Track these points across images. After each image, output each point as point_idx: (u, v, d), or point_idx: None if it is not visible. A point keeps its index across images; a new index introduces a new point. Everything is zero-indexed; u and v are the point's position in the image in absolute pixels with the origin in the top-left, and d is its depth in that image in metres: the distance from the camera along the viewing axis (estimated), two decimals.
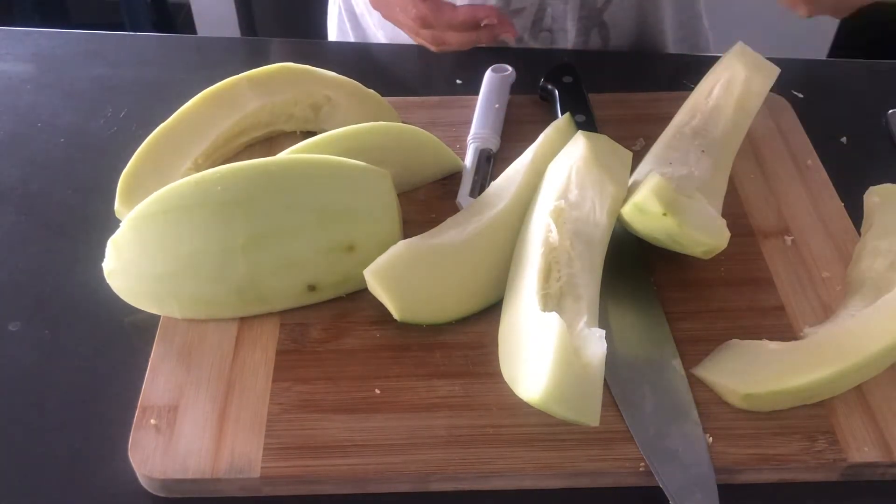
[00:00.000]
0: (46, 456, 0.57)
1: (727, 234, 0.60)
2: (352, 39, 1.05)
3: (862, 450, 0.54)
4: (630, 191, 0.63)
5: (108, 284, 0.63)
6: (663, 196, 0.58)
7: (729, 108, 0.71)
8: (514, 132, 0.78)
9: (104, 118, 0.83)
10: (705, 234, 0.59)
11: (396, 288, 0.60)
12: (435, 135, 0.74)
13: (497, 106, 0.79)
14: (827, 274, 0.65)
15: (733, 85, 0.72)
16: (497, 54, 0.89)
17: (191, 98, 0.74)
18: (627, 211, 0.61)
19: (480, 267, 0.63)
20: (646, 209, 0.59)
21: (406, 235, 0.64)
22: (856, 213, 0.69)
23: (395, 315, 0.60)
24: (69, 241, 0.71)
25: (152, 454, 0.55)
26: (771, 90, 0.74)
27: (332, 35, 1.10)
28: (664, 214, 0.58)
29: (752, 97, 0.72)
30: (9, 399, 0.60)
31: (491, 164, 0.75)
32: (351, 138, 0.69)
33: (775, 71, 0.72)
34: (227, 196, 0.61)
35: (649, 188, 0.59)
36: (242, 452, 0.55)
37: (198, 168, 0.72)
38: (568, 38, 0.94)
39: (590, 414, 0.52)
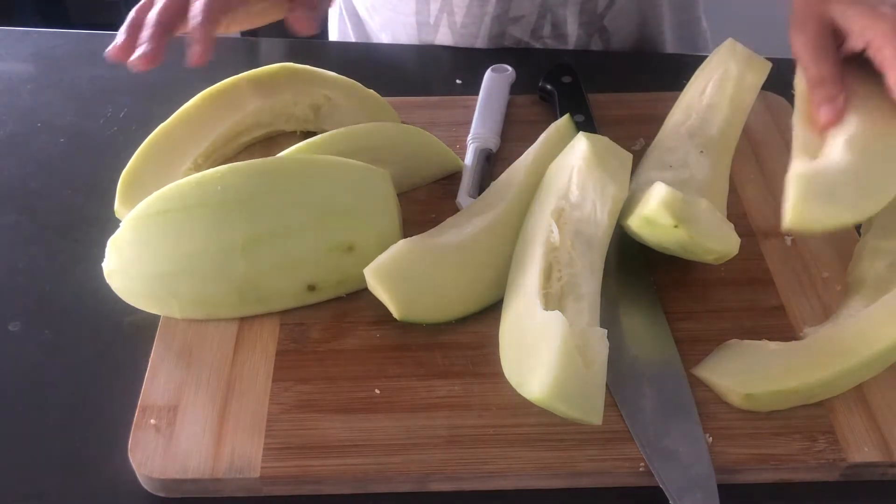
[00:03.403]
0: (46, 456, 0.57)
1: (737, 241, 0.60)
2: (353, 40, 1.05)
3: (862, 450, 0.54)
4: (633, 197, 0.63)
5: (108, 284, 0.63)
6: (673, 208, 0.57)
7: (724, 105, 0.71)
8: (514, 132, 0.78)
9: (104, 118, 0.83)
10: (716, 242, 0.59)
11: (396, 287, 0.60)
12: (435, 135, 0.74)
13: (497, 106, 0.79)
14: (827, 274, 0.65)
15: (726, 82, 0.72)
16: (497, 54, 0.89)
17: (191, 98, 0.74)
18: (636, 223, 0.60)
19: (480, 266, 0.63)
20: (656, 222, 0.58)
21: (406, 235, 0.64)
22: None
23: (395, 314, 0.60)
24: (69, 241, 0.71)
25: (152, 454, 0.55)
26: (771, 90, 0.74)
27: (333, 35, 1.10)
28: (675, 226, 0.58)
29: (746, 93, 0.71)
30: (9, 399, 0.60)
31: (491, 164, 0.75)
32: (351, 138, 0.69)
33: (767, 65, 0.72)
34: (228, 196, 0.61)
35: (659, 200, 0.58)
36: (242, 452, 0.55)
37: (198, 168, 0.72)
38: (568, 42, 0.94)
39: (593, 412, 0.52)
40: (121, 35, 0.64)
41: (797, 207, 0.57)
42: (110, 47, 0.63)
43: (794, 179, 0.58)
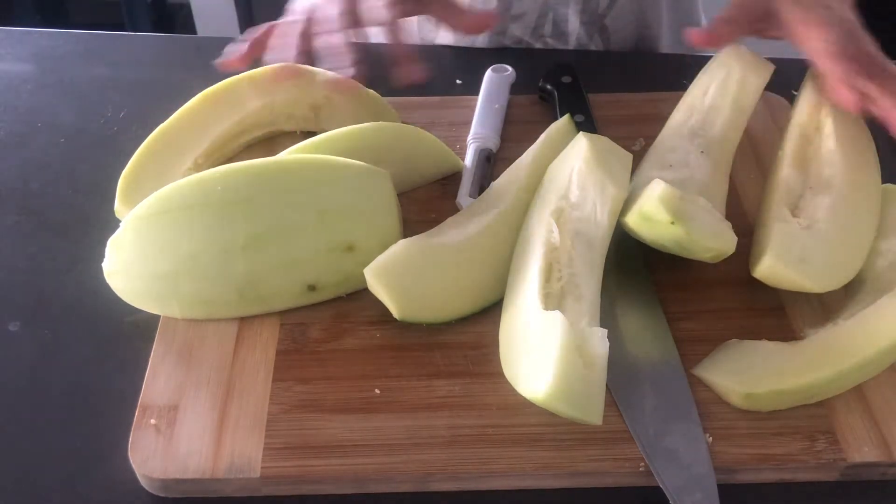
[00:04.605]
0: (46, 456, 0.57)
1: (735, 239, 0.60)
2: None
3: (862, 450, 0.54)
4: (632, 195, 0.63)
5: (108, 284, 0.63)
6: (670, 204, 0.58)
7: (726, 106, 0.71)
8: (514, 132, 0.78)
9: (104, 118, 0.83)
10: (713, 240, 0.59)
11: (396, 287, 0.60)
12: (435, 135, 0.74)
13: (497, 106, 0.79)
14: None
15: (729, 83, 0.72)
16: (497, 54, 0.89)
17: (191, 98, 0.74)
18: (634, 219, 0.60)
19: (480, 266, 0.63)
20: (653, 218, 0.58)
21: (406, 235, 0.64)
22: None
23: (395, 314, 0.60)
24: (69, 241, 0.71)
25: (152, 454, 0.55)
26: (770, 90, 0.74)
27: None
28: (672, 223, 0.58)
29: (748, 95, 0.71)
30: (9, 399, 0.60)
31: (491, 164, 0.75)
32: (351, 138, 0.69)
33: (770, 68, 0.72)
34: (228, 196, 0.61)
35: (656, 197, 0.58)
36: (242, 452, 0.55)
37: (198, 168, 0.72)
38: (569, 41, 0.94)
39: (593, 412, 0.52)
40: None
41: (769, 265, 0.59)
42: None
43: (776, 236, 0.60)
